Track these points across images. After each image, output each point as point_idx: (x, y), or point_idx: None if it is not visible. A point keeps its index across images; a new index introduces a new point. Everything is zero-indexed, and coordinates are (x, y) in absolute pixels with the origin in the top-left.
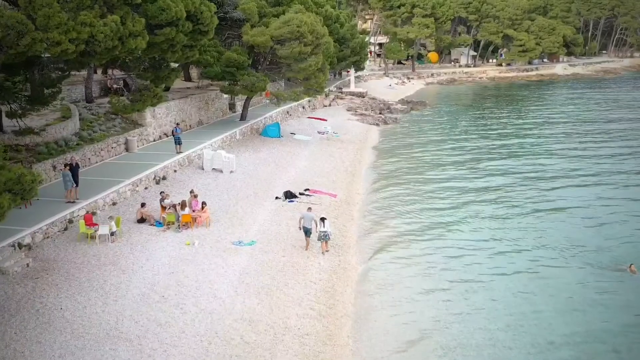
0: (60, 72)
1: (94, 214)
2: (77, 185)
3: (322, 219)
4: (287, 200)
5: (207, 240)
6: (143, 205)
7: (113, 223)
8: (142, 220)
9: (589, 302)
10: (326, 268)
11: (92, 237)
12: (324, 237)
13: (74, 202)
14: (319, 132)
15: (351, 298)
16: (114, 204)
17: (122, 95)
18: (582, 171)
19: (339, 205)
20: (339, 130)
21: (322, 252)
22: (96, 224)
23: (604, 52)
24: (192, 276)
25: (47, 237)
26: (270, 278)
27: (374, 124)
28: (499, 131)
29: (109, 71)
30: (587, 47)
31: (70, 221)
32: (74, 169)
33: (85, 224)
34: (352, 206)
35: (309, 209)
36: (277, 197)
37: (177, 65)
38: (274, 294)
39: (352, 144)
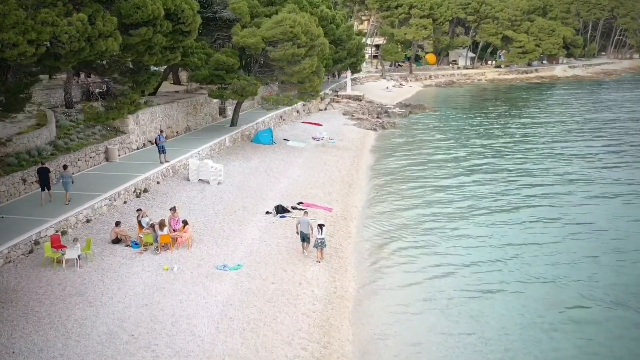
0: (30, 77)
1: (64, 233)
2: (49, 189)
3: (320, 226)
4: (279, 215)
5: (188, 265)
6: (118, 224)
7: (78, 245)
8: (117, 241)
9: (620, 348)
10: (320, 297)
11: (59, 262)
12: (321, 244)
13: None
14: (313, 138)
15: (349, 334)
16: (87, 221)
17: (97, 100)
18: (596, 181)
19: (335, 220)
20: (334, 136)
21: (318, 261)
22: (64, 246)
23: (602, 53)
24: (168, 309)
25: (9, 262)
26: (257, 311)
27: (371, 129)
28: (503, 137)
29: (92, 74)
30: (586, 49)
31: (37, 242)
32: (44, 170)
33: (52, 246)
34: (349, 221)
35: (305, 212)
36: (267, 212)
37: (164, 67)
38: (260, 331)
39: (349, 150)
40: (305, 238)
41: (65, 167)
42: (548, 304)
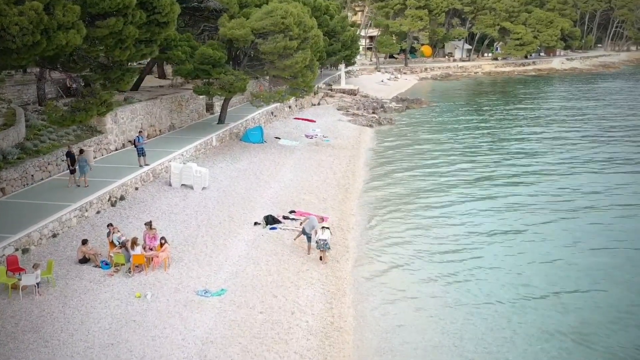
0: None
1: (25, 251)
2: (72, 173)
3: (324, 227)
4: (269, 227)
5: (164, 290)
6: (85, 242)
7: (38, 272)
8: (84, 260)
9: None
10: (316, 329)
11: (14, 288)
12: (324, 246)
13: (79, 186)
14: (306, 136)
15: None
16: (54, 235)
17: (74, 96)
18: (598, 182)
19: (331, 231)
20: (329, 133)
21: (320, 257)
22: (22, 269)
23: (599, 45)
24: (137, 349)
25: None
26: (241, 349)
27: (367, 125)
28: (504, 134)
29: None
30: (583, 41)
31: None
32: (72, 155)
33: (8, 269)
34: (346, 233)
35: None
36: (256, 223)
37: (147, 61)
38: None
39: (344, 149)
40: (309, 238)
41: (82, 151)
42: (551, 311)
